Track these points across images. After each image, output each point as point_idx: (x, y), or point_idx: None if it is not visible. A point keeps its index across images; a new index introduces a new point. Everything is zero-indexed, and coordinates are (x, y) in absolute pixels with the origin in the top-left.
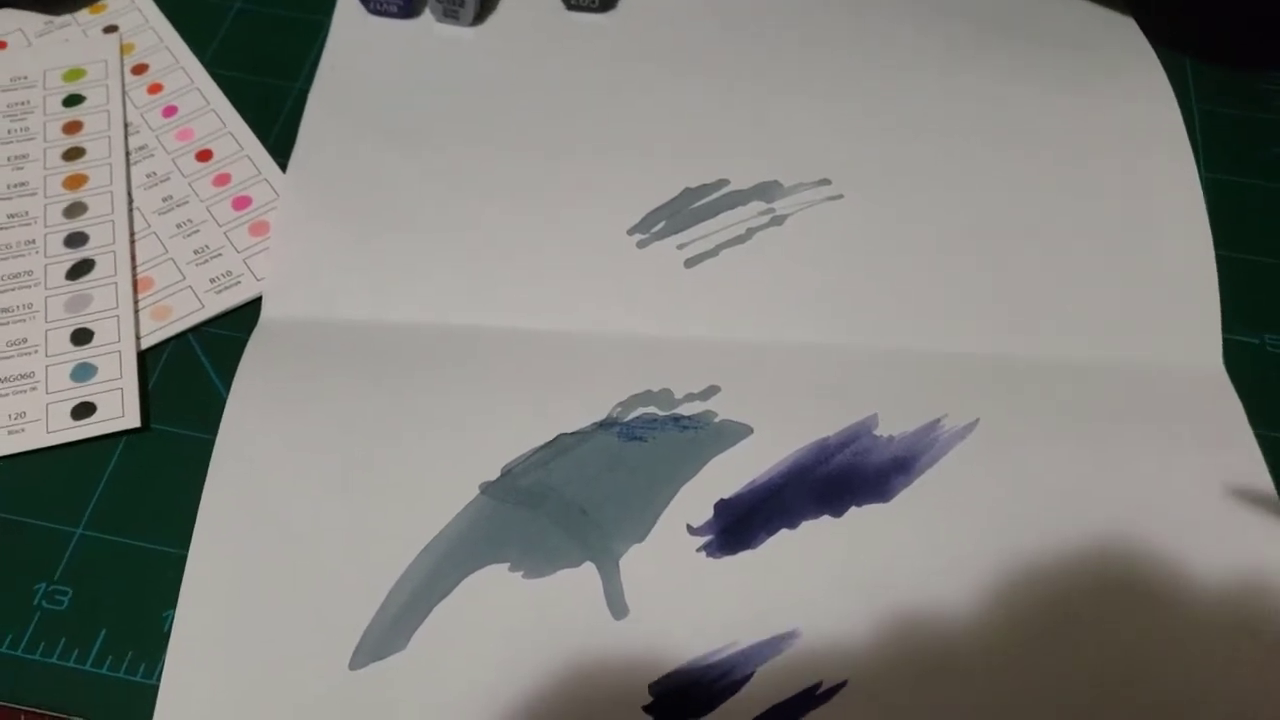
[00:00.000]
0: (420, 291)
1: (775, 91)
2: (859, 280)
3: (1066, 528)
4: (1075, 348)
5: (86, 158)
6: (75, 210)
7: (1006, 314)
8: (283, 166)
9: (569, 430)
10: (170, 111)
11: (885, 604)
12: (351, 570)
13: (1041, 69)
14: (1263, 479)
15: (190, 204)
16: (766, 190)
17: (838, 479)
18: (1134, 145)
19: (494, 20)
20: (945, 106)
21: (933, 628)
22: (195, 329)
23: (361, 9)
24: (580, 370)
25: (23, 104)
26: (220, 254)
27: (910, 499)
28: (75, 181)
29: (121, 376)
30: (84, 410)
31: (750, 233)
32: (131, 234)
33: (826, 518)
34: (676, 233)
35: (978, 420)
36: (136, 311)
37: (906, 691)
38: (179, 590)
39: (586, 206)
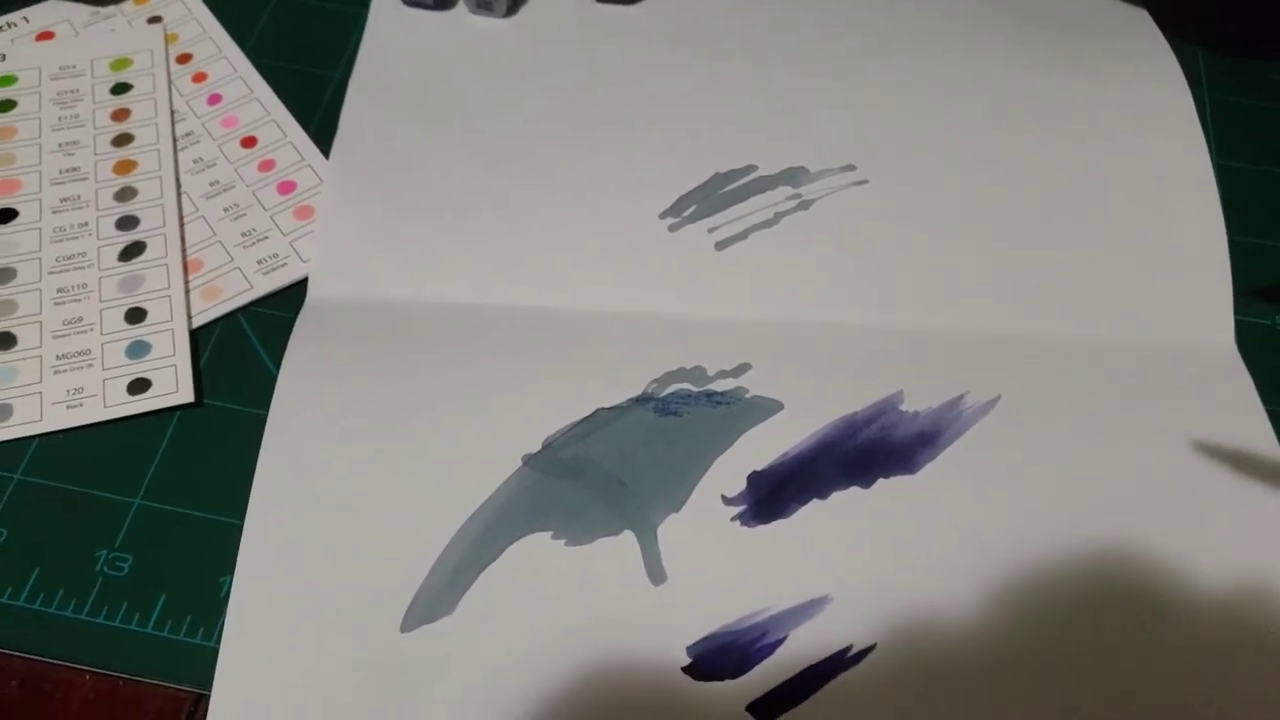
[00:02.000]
0: (461, 273)
1: (800, 80)
2: (883, 263)
3: (1082, 501)
4: (1092, 327)
5: (135, 144)
6: (125, 194)
7: (1026, 294)
8: (325, 153)
9: (607, 405)
10: (215, 100)
11: (912, 571)
12: (400, 538)
13: (1058, 57)
14: (1275, 454)
15: (237, 189)
16: (794, 175)
17: (866, 452)
18: (1148, 131)
19: (526, 12)
20: (965, 94)
21: (956, 594)
22: (244, 309)
23: (397, 1)
24: (616, 348)
25: (72, 92)
26: (267, 237)
27: (935, 471)
28: (125, 167)
29: (175, 354)
30: (140, 386)
31: (778, 217)
32: (180, 217)
33: (856, 489)
34: (707, 216)
35: (999, 396)
36: (188, 291)
37: (932, 654)
38: (234, 557)
39: (620, 191)
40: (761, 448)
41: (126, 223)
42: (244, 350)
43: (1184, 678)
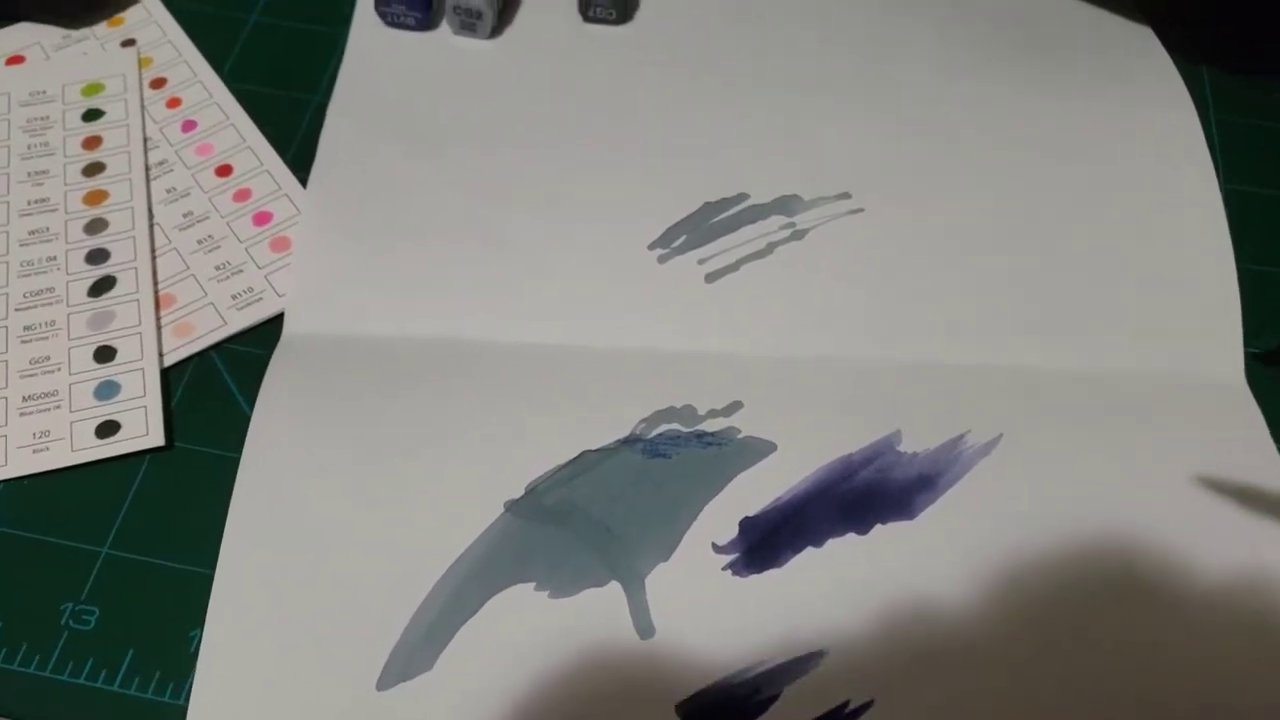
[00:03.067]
0: (442, 307)
1: (794, 104)
2: (880, 294)
3: (1090, 542)
4: (1097, 359)
5: (107, 173)
6: (96, 226)
7: (1028, 326)
8: (302, 181)
9: (593, 447)
10: (189, 126)
11: (912, 622)
12: (378, 589)
13: (1060, 80)
14: None
15: (211, 219)
16: (787, 204)
17: (862, 496)
18: (1154, 155)
19: (511, 33)
20: (964, 118)
21: (959, 646)
22: (217, 346)
23: (379, 22)
24: (603, 386)
25: (42, 119)
26: (241, 270)
27: (935, 516)
28: (96, 197)
29: (145, 394)
30: (108, 429)
31: (771, 247)
32: (153, 250)
33: (852, 535)
34: (697, 247)
35: (1001, 436)
36: (159, 328)
37: (933, 711)
38: (206, 610)
39: (607, 221)
40: (754, 491)
41: (96, 256)
42: (217, 390)
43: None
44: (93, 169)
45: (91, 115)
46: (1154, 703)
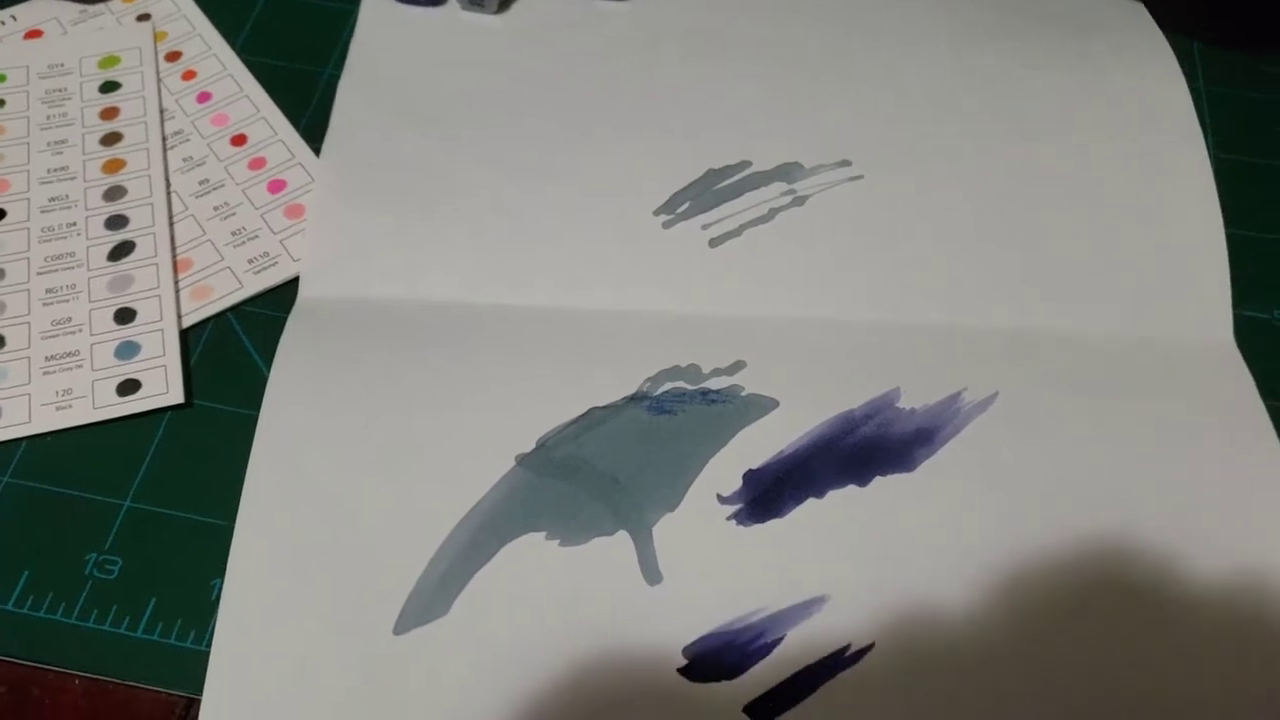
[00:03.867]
0: (452, 271)
1: (794, 74)
2: (879, 258)
3: (1081, 498)
4: (1089, 322)
5: (124, 142)
6: (114, 193)
7: (1021, 290)
8: (315, 151)
9: (600, 404)
10: (204, 98)
11: (910, 570)
12: (393, 539)
13: (1053, 51)
14: (1273, 449)
15: (226, 187)
16: (788, 171)
17: (863, 450)
18: (1145, 125)
19: (518, 8)
20: (960, 88)
21: (954, 593)
22: (235, 308)
23: None
24: (609, 346)
25: (60, 90)
26: (257, 236)
27: (933, 469)
28: (114, 166)
29: (165, 354)
30: (129, 387)
31: (773, 213)
32: (170, 216)
33: (852, 487)
34: (701, 213)
35: (996, 393)
36: (177, 291)
37: (931, 653)
38: (225, 560)
39: (613, 188)
40: (757, 446)
41: (115, 222)
42: (234, 350)
43: (1181, 670)
44: (110, 138)
45: (108, 87)
46: (1141, 653)
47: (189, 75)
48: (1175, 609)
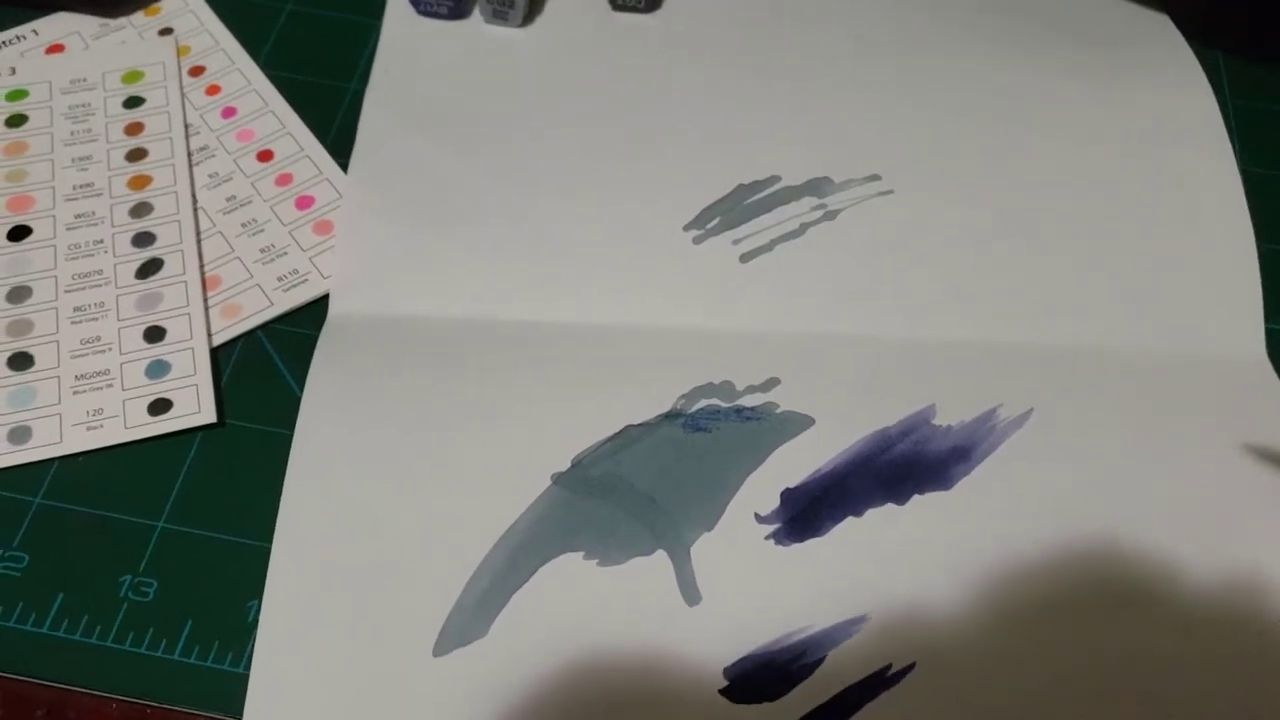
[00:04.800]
0: (483, 287)
1: (822, 87)
2: (910, 274)
3: (1117, 515)
4: (1122, 338)
5: (149, 159)
6: (141, 210)
7: (1053, 305)
8: (342, 166)
9: (635, 422)
10: (229, 113)
11: (950, 588)
12: (431, 560)
13: (1080, 67)
14: None
15: (254, 204)
16: (818, 186)
17: (900, 467)
18: (1175, 138)
19: (542, 21)
20: (989, 102)
21: (995, 610)
22: (265, 326)
23: (411, 10)
24: (642, 363)
25: (84, 106)
26: (286, 253)
27: (970, 486)
28: (139, 182)
29: (196, 373)
30: (160, 406)
31: (803, 228)
32: (198, 233)
33: (891, 505)
34: (732, 228)
35: (1031, 410)
36: (207, 309)
37: (972, 671)
38: (262, 581)
39: (642, 203)
40: (794, 464)
41: (143, 239)
42: (266, 369)
43: (1223, 687)
44: (136, 154)
45: (132, 102)
46: (1182, 670)
47: (213, 90)
48: (1213, 621)
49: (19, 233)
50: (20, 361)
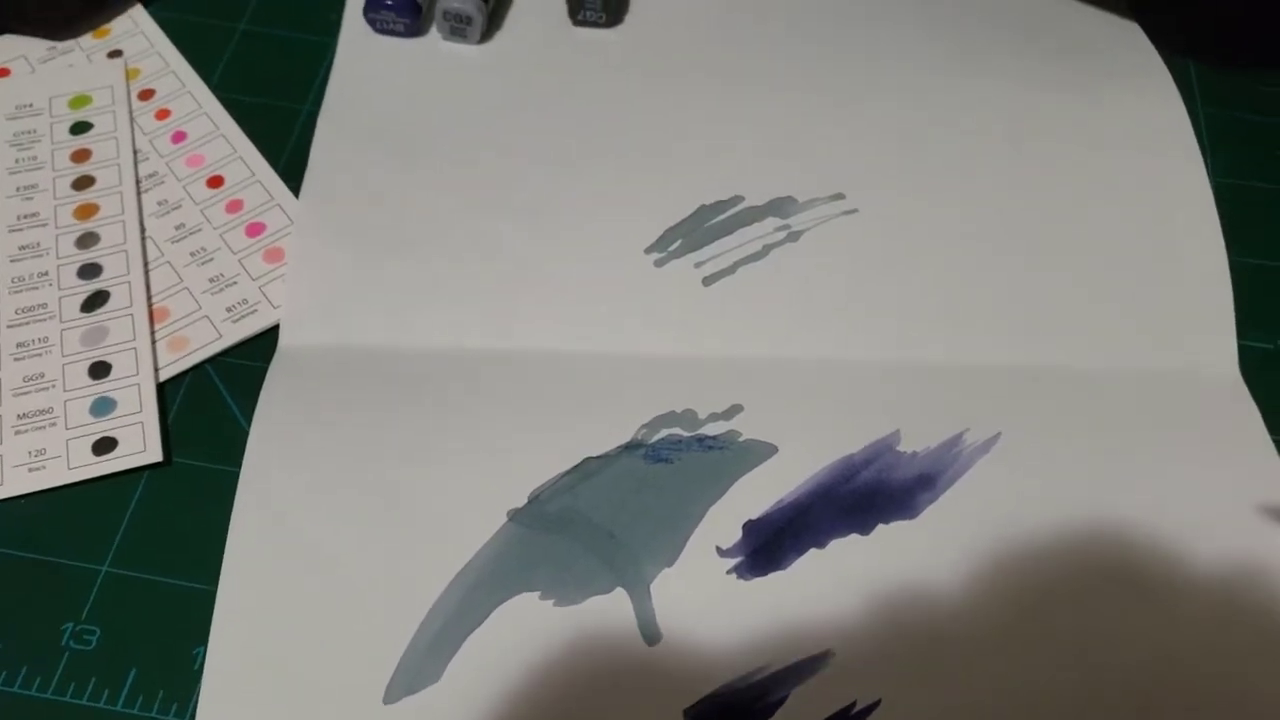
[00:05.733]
0: (438, 315)
1: (785, 106)
2: (876, 294)
3: (1091, 538)
4: (1092, 357)
5: (96, 186)
6: (87, 240)
7: (1022, 324)
8: (294, 190)
9: (595, 454)
10: (179, 137)
11: (916, 621)
12: (382, 602)
13: (1048, 78)
14: None
15: (203, 232)
16: (781, 206)
17: (864, 496)
18: (1143, 151)
19: (500, 38)
20: (954, 117)
21: (964, 642)
22: (213, 359)
23: (367, 29)
24: (602, 392)
25: (29, 133)
26: (235, 282)
27: (937, 515)
28: (86, 211)
29: (142, 410)
30: (105, 446)
31: (767, 249)
32: (145, 264)
33: (855, 536)
34: (694, 250)
35: (999, 434)
36: (154, 343)
37: (940, 708)
38: (208, 627)
39: (603, 225)
40: (756, 494)
41: (89, 271)
42: (214, 404)
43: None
44: (83, 182)
45: (80, 128)
46: (1153, 702)
47: (163, 114)
48: (1183, 645)
49: None
50: None
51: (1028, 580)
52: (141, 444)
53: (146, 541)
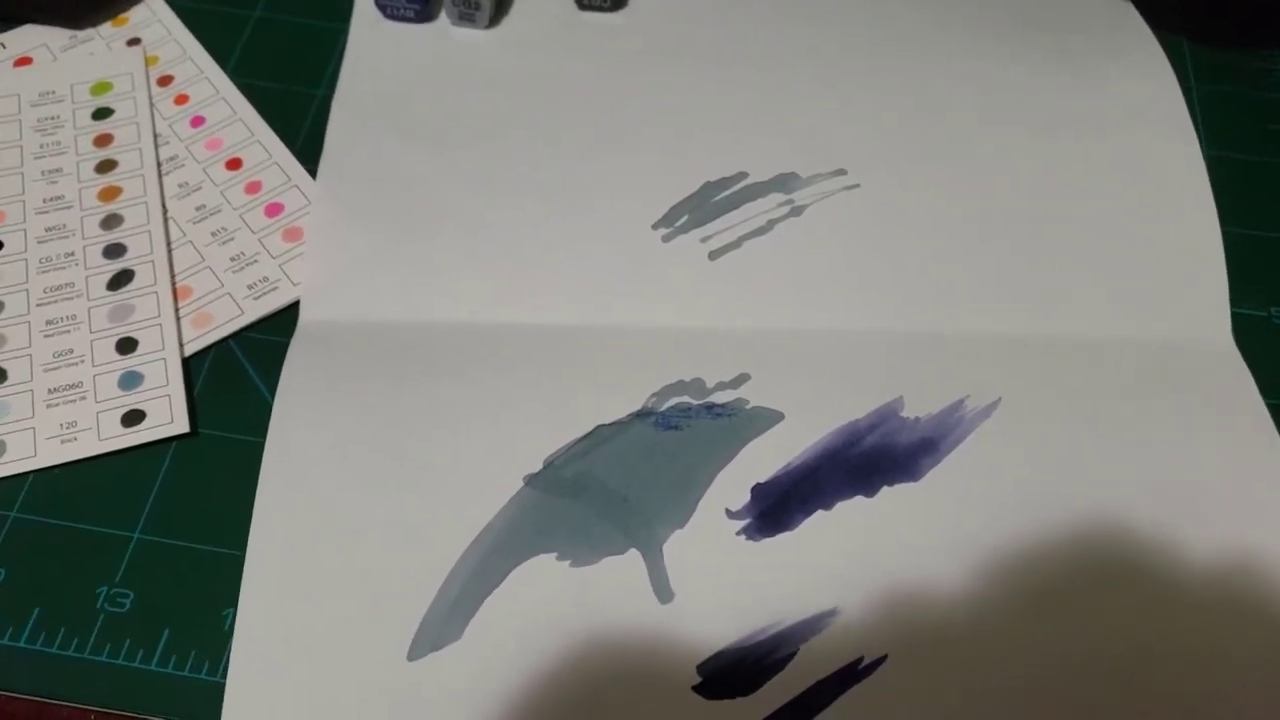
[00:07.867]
0: (452, 290)
1: (788, 84)
2: (877, 267)
3: (1087, 502)
4: (1088, 326)
5: (119, 169)
6: (111, 222)
7: (1020, 295)
8: (311, 172)
9: (606, 421)
10: (198, 122)
11: (919, 580)
12: (404, 564)
13: (1046, 54)
14: (1275, 447)
15: (224, 212)
16: (785, 182)
17: (869, 460)
18: (1139, 125)
19: (508, 22)
20: (953, 93)
21: (964, 601)
22: (236, 335)
23: (378, 15)
24: (613, 363)
25: (53, 119)
26: (256, 260)
27: (939, 477)
28: (109, 194)
29: (168, 383)
30: (134, 417)
31: (771, 224)
32: (168, 243)
33: (860, 498)
34: (700, 226)
35: (999, 400)
36: (178, 319)
37: (944, 663)
38: (237, 590)
39: (610, 202)
40: (764, 459)
41: (114, 251)
42: (238, 377)
43: (1192, 670)
44: (105, 166)
45: (101, 113)
46: (1154, 654)
47: (181, 99)
48: (1183, 607)
49: None
50: None
51: (1026, 539)
52: (169, 416)
53: (176, 509)
